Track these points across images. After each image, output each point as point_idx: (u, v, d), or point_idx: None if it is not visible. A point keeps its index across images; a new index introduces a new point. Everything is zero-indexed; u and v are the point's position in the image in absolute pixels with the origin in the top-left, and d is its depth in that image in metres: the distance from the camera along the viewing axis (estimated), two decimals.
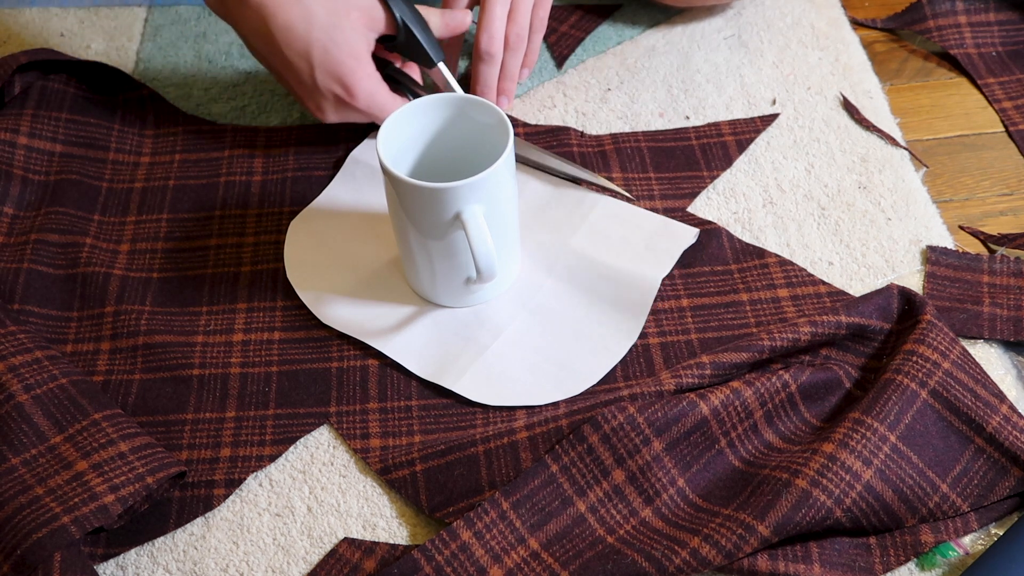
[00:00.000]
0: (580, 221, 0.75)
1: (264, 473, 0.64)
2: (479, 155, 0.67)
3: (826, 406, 0.64)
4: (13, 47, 0.93)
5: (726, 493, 0.59)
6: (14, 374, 0.63)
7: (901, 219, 0.75)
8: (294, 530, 0.61)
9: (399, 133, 0.67)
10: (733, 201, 0.77)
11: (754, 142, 0.81)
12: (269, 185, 0.80)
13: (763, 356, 0.64)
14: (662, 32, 0.91)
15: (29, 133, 0.81)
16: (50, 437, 0.61)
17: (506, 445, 0.62)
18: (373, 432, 0.65)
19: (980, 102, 0.84)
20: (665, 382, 0.62)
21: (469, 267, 0.67)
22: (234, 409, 0.67)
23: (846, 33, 0.90)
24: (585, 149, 0.81)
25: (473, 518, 0.58)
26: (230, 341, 0.70)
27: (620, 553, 0.56)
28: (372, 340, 0.69)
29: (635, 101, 0.85)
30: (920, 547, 0.58)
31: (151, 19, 0.95)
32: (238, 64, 0.90)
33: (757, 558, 0.56)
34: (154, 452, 0.61)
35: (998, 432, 0.60)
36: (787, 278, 0.72)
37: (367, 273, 0.73)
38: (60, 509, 0.57)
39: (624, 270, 0.71)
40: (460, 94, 0.68)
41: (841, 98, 0.84)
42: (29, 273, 0.73)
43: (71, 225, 0.76)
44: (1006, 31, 0.89)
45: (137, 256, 0.75)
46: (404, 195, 0.64)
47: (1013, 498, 0.60)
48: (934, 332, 0.63)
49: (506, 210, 0.66)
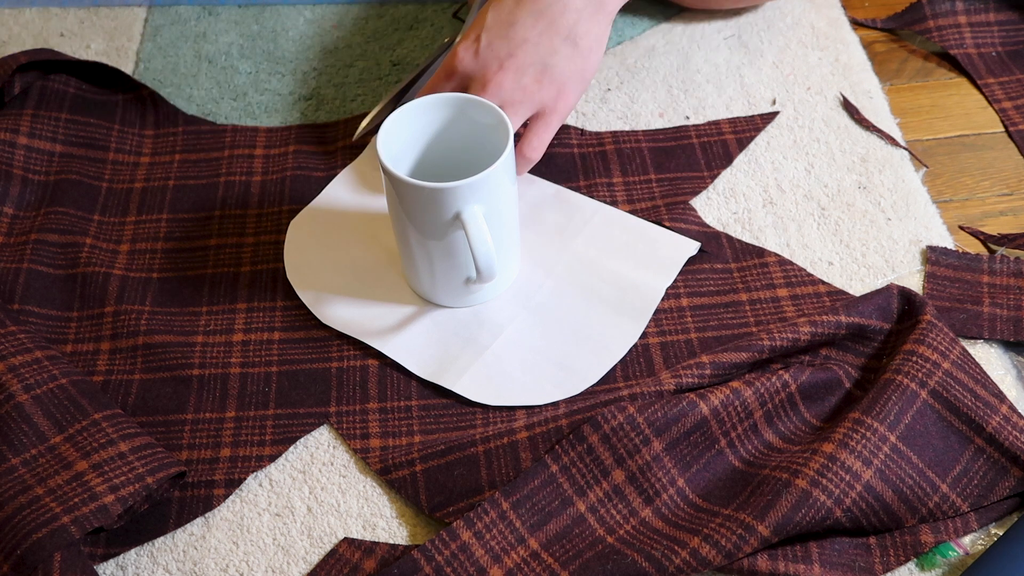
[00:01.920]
0: (582, 225, 0.75)
1: (264, 473, 0.64)
2: (479, 155, 0.67)
3: (826, 406, 0.64)
4: (13, 47, 0.93)
5: (726, 493, 0.59)
6: (14, 374, 0.63)
7: (901, 219, 0.75)
8: (294, 530, 0.61)
9: (399, 133, 0.67)
10: (733, 201, 0.77)
11: (754, 142, 0.81)
12: (269, 185, 0.80)
13: (763, 356, 0.64)
14: (662, 32, 0.91)
15: (29, 133, 0.81)
16: (50, 437, 0.61)
17: (506, 445, 0.62)
18: (373, 432, 0.65)
19: (980, 102, 0.84)
20: (665, 382, 0.62)
21: (469, 267, 0.67)
22: (234, 409, 0.67)
23: (846, 33, 0.90)
24: (585, 149, 0.81)
25: (473, 518, 0.58)
26: (230, 341, 0.70)
27: (620, 553, 0.56)
28: (372, 340, 0.69)
29: (635, 101, 0.85)
30: (920, 547, 0.58)
31: (151, 19, 0.96)
32: (238, 64, 0.90)
33: (757, 558, 0.56)
34: (154, 452, 0.61)
35: (998, 432, 0.60)
36: (787, 278, 0.72)
37: (367, 273, 0.73)
38: (60, 509, 0.57)
39: (626, 275, 0.71)
40: (453, 95, 0.67)
41: (841, 98, 0.84)
42: (29, 273, 0.73)
43: (71, 225, 0.76)
44: (1006, 31, 0.89)
45: (137, 256, 0.75)
46: (404, 195, 0.64)
47: (1013, 498, 0.60)
48: (934, 332, 0.63)
49: (506, 210, 0.66)
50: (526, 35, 0.70)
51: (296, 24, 0.94)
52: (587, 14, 0.71)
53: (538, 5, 0.70)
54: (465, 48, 0.71)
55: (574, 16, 0.70)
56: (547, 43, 0.70)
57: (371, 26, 0.93)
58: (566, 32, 0.70)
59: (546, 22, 0.70)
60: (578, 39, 0.70)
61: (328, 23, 0.94)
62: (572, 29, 0.70)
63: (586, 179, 0.79)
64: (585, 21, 0.71)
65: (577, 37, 0.70)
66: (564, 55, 0.70)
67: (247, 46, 0.92)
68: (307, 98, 0.87)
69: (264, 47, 0.92)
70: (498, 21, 0.71)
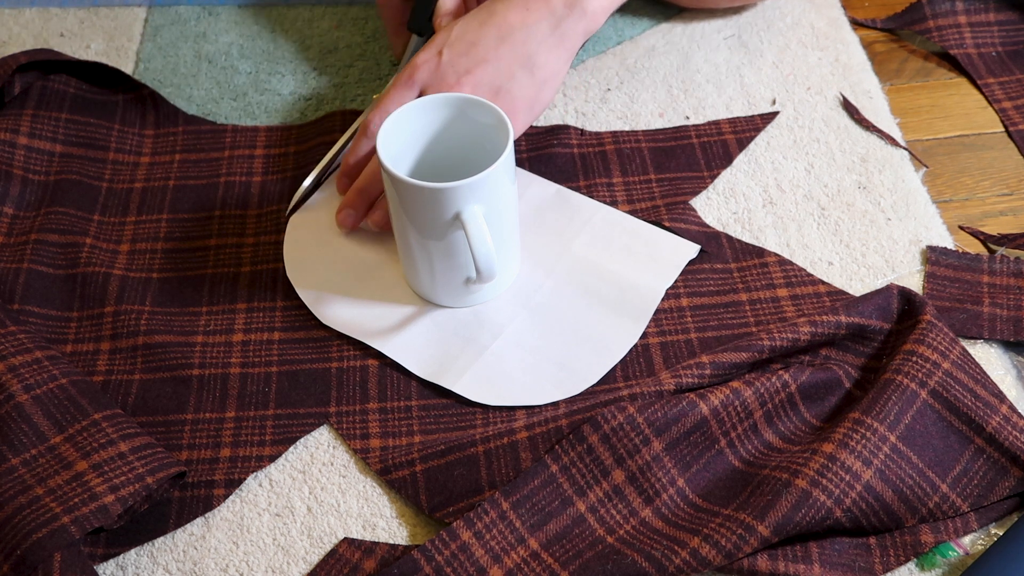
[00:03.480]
0: (582, 226, 0.75)
1: (264, 473, 0.64)
2: (479, 155, 0.67)
3: (826, 406, 0.64)
4: (13, 47, 0.93)
5: (726, 493, 0.59)
6: (14, 374, 0.63)
7: (901, 219, 0.75)
8: (294, 530, 0.61)
9: (399, 133, 0.67)
10: (733, 201, 0.77)
11: (754, 142, 0.81)
12: (269, 185, 0.80)
13: (763, 356, 0.64)
14: (662, 32, 0.91)
15: (29, 133, 0.80)
16: (50, 437, 0.61)
17: (506, 445, 0.62)
18: (373, 432, 0.65)
19: (980, 102, 0.84)
20: (665, 382, 0.62)
21: (469, 267, 0.67)
22: (234, 409, 0.67)
23: (846, 33, 0.90)
24: (585, 149, 0.81)
25: (473, 518, 0.58)
26: (230, 341, 0.70)
27: (620, 553, 0.56)
28: (372, 340, 0.69)
29: (635, 101, 0.85)
30: (920, 547, 0.58)
31: (151, 19, 0.96)
32: (238, 64, 0.90)
33: (757, 558, 0.56)
34: (154, 452, 0.61)
35: (998, 432, 0.60)
36: (786, 278, 0.72)
37: (367, 273, 0.73)
38: (60, 509, 0.57)
39: (626, 276, 0.71)
40: (453, 95, 0.68)
41: (841, 98, 0.84)
42: (29, 273, 0.73)
43: (71, 225, 0.76)
44: (1006, 31, 0.89)
45: (137, 256, 0.75)
46: (404, 195, 0.64)
47: (1013, 498, 0.60)
48: (934, 332, 0.63)
49: (506, 210, 0.66)
50: (486, 56, 0.71)
51: (296, 24, 0.94)
52: (548, 45, 0.72)
53: (502, 30, 0.71)
54: (425, 60, 0.72)
55: (535, 46, 0.72)
56: (506, 67, 0.71)
57: (371, 26, 0.93)
58: (525, 59, 0.72)
59: (508, 47, 0.71)
60: (536, 68, 0.72)
61: (328, 23, 0.94)
62: (532, 58, 0.72)
63: (586, 179, 0.79)
64: (545, 52, 0.72)
65: (535, 67, 0.72)
66: (520, 82, 0.71)
67: (247, 46, 0.92)
68: (307, 98, 0.87)
69: (264, 47, 0.92)
70: (462, 38, 0.72)
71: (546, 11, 0.72)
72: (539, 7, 0.72)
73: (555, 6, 0.72)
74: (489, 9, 0.73)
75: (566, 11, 0.72)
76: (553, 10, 0.72)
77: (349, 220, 0.74)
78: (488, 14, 0.73)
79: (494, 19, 0.72)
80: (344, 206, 0.74)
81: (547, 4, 0.72)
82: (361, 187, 0.73)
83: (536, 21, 0.72)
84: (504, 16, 0.72)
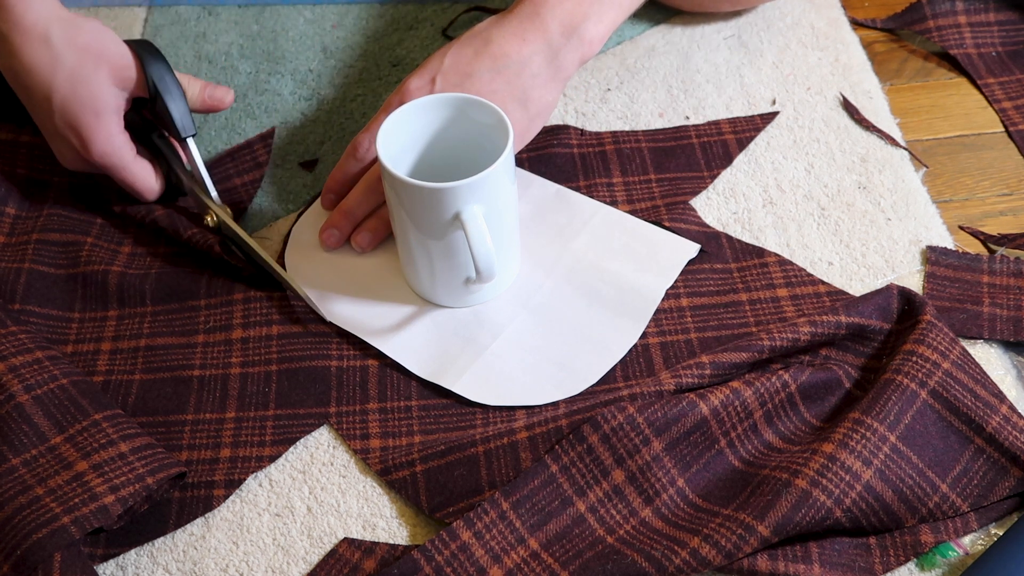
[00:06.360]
0: (581, 226, 0.75)
1: (264, 473, 0.64)
2: (479, 155, 0.67)
3: (826, 406, 0.64)
4: None
5: (726, 493, 0.59)
6: (14, 374, 0.63)
7: (901, 219, 0.75)
8: (294, 530, 0.61)
9: (399, 133, 0.67)
10: (733, 201, 0.77)
11: (754, 142, 0.81)
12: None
13: (763, 356, 0.64)
14: (662, 32, 0.91)
15: (32, 133, 0.80)
16: (50, 437, 0.61)
17: (506, 445, 0.62)
18: (373, 432, 0.65)
19: (980, 102, 0.84)
20: (665, 382, 0.62)
21: (469, 267, 0.67)
22: (234, 410, 0.67)
23: (846, 33, 0.90)
24: (585, 149, 0.81)
25: (473, 518, 0.58)
26: (229, 339, 0.70)
27: (620, 553, 0.56)
28: (372, 338, 0.69)
29: (635, 101, 0.85)
30: (920, 547, 0.58)
31: (151, 19, 0.96)
32: (238, 64, 0.90)
33: (757, 558, 0.56)
34: (154, 452, 0.61)
35: (998, 432, 0.60)
36: (786, 278, 0.72)
37: (366, 273, 0.73)
38: (60, 509, 0.57)
39: (626, 276, 0.71)
40: (453, 95, 0.67)
41: (841, 98, 0.84)
42: (30, 273, 0.73)
43: (73, 225, 0.76)
44: (1006, 31, 0.89)
45: (137, 256, 0.75)
46: (404, 195, 0.64)
47: (1013, 498, 0.60)
48: (934, 332, 0.63)
49: (506, 210, 0.66)
50: (480, 88, 0.71)
51: (296, 24, 0.94)
52: (542, 79, 0.72)
53: (498, 63, 0.71)
54: (419, 87, 0.71)
55: (530, 80, 0.71)
56: (499, 100, 0.71)
57: (371, 26, 0.93)
58: (519, 93, 0.71)
59: (503, 80, 0.71)
60: (529, 103, 0.72)
61: (328, 23, 0.94)
62: (526, 93, 0.71)
63: (586, 179, 0.79)
64: (539, 87, 0.72)
65: (529, 101, 0.72)
66: (513, 116, 0.71)
67: (247, 46, 0.92)
68: (307, 98, 0.87)
69: (264, 47, 0.92)
70: (456, 68, 0.71)
71: (542, 41, 0.71)
72: (535, 37, 0.71)
73: (552, 35, 0.71)
74: (484, 36, 0.72)
75: (563, 40, 0.71)
76: (550, 40, 0.71)
77: (332, 240, 0.73)
78: (483, 42, 0.72)
79: (489, 48, 0.71)
80: (328, 225, 0.73)
81: (544, 33, 0.71)
82: (347, 208, 0.73)
83: (532, 53, 0.71)
84: (500, 46, 0.71)
